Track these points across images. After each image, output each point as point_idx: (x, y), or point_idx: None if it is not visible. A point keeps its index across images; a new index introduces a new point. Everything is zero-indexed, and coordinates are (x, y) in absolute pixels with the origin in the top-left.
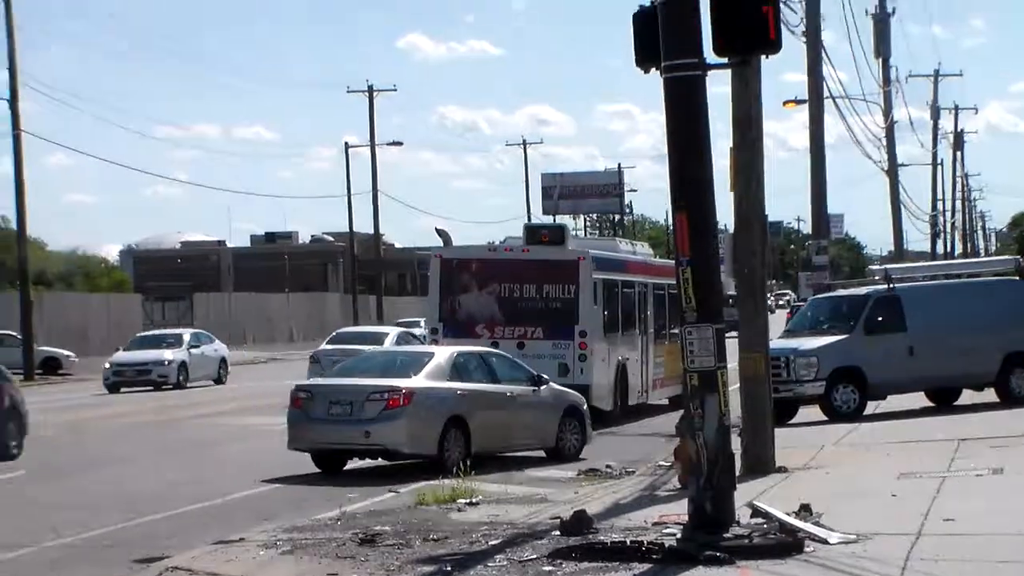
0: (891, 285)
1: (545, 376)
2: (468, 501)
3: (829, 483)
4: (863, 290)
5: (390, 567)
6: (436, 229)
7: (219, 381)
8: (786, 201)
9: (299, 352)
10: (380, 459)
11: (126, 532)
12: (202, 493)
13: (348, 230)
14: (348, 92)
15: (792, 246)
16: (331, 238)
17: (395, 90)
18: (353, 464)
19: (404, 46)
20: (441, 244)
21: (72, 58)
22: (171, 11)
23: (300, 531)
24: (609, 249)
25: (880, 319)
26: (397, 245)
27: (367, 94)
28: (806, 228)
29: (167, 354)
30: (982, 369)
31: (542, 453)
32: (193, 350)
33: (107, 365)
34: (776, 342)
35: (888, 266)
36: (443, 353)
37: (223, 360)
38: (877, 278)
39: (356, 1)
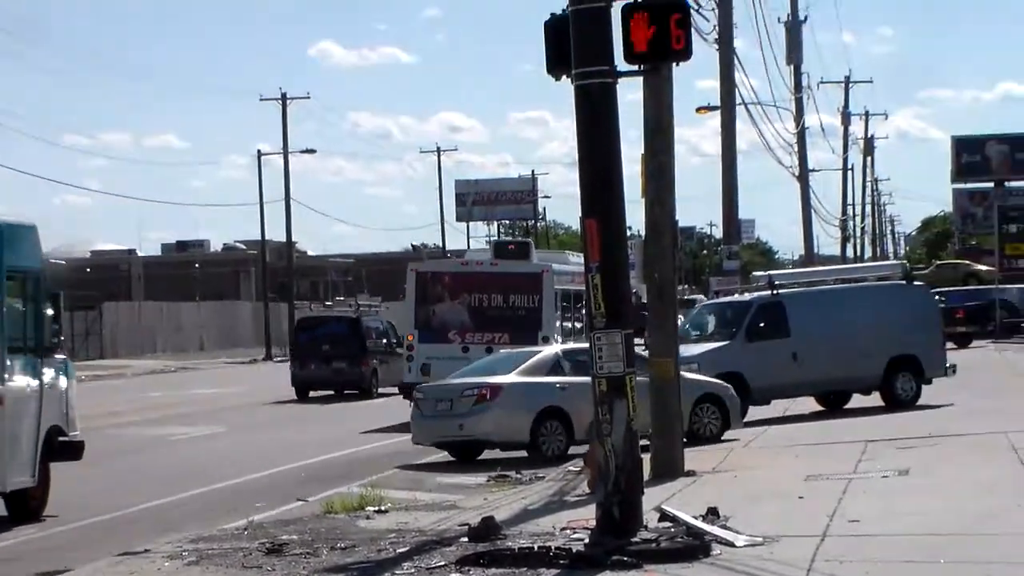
0: (775, 291)
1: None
2: (376, 509)
3: (737, 486)
4: (747, 297)
5: None
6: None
7: None
8: (698, 206)
9: (208, 361)
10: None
11: (28, 545)
12: (111, 504)
13: (260, 238)
14: (261, 100)
15: (704, 251)
16: (243, 246)
17: (308, 97)
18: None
19: (316, 53)
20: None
21: None
22: (78, 17)
23: (207, 541)
24: (562, 262)
25: (763, 325)
26: (310, 252)
27: (280, 102)
28: (718, 233)
29: None
30: (867, 373)
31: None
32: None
33: None
34: None
35: (772, 272)
36: (547, 351)
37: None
38: (761, 284)
39: (268, 9)
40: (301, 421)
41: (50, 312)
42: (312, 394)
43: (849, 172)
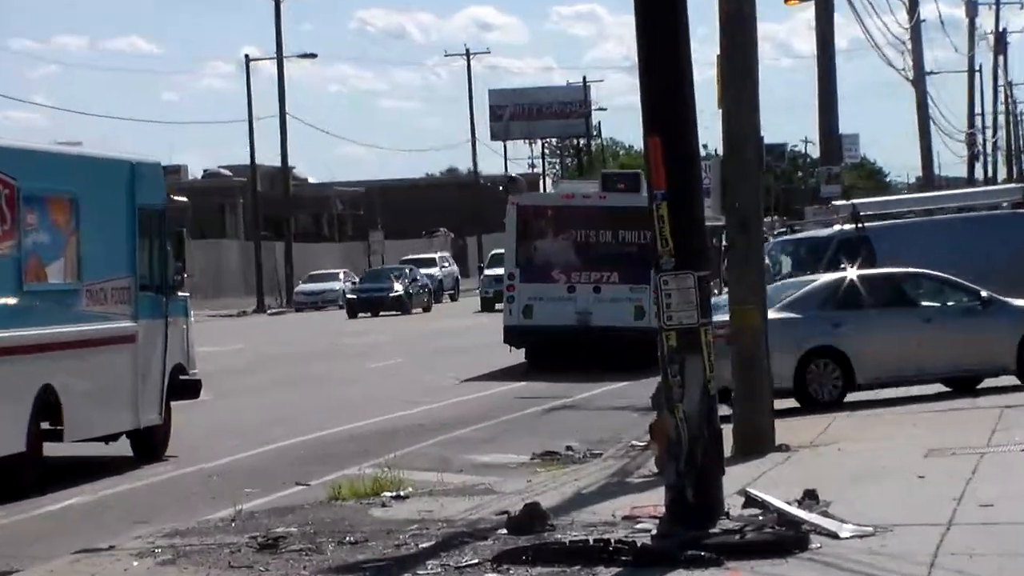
0: (860, 224)
1: (998, 297)
2: (394, 494)
3: (841, 463)
4: (824, 232)
5: None
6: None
7: None
8: (790, 119)
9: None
10: None
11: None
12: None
13: (250, 162)
14: None
15: (800, 174)
16: (229, 173)
17: None
18: None
19: None
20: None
21: None
22: None
23: (184, 535)
24: None
25: (844, 264)
26: (311, 180)
27: None
28: (815, 152)
29: None
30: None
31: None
32: None
33: None
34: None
35: (857, 200)
36: (821, 280)
37: None
38: (842, 215)
39: None
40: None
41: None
42: None
43: (976, 74)
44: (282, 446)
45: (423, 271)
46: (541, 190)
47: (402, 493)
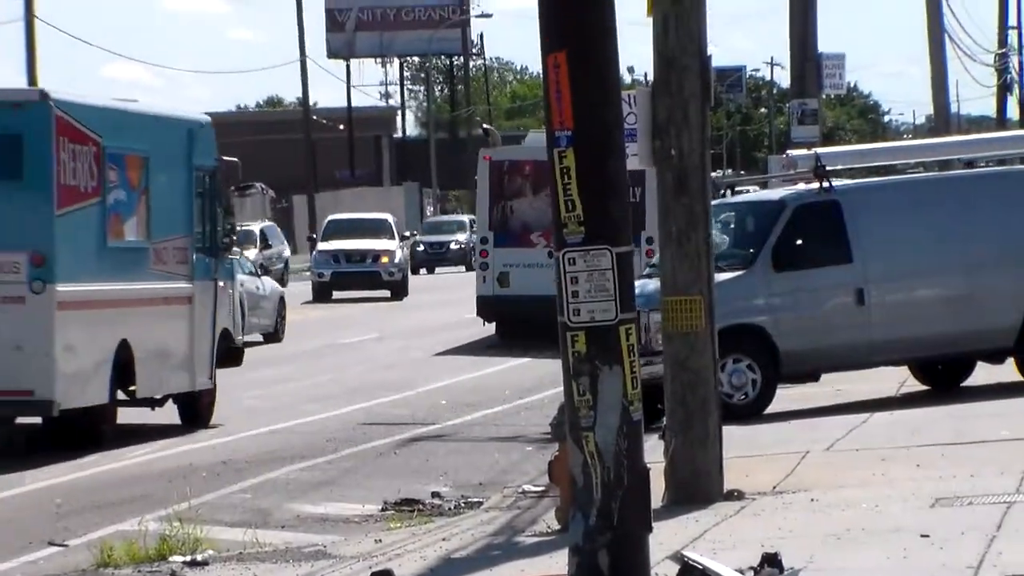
0: (825, 182)
1: None
2: (189, 559)
3: (815, 517)
4: (776, 193)
5: None
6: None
7: None
8: (751, 34)
9: None
10: None
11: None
12: None
13: None
14: None
15: (763, 110)
16: None
17: None
18: None
19: None
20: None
21: None
22: None
23: None
24: None
25: (803, 241)
26: None
27: None
28: (785, 80)
29: None
30: (991, 325)
31: None
32: None
33: None
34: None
35: (823, 150)
36: None
37: None
38: (802, 170)
39: None
40: None
41: (225, 211)
42: None
43: None
44: (29, 490)
45: None
46: (398, 129)
47: (199, 558)
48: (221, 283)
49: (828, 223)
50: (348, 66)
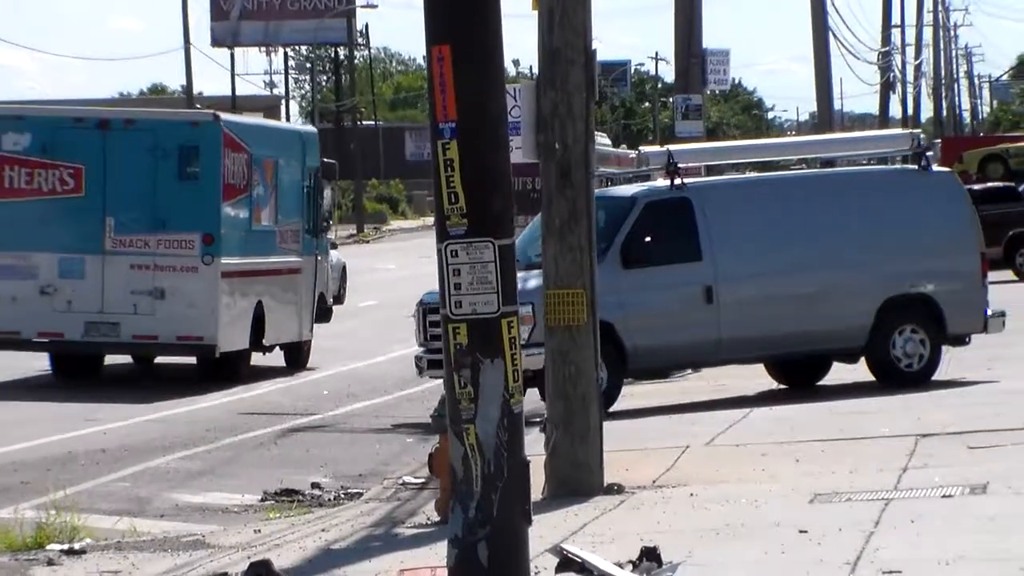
0: (678, 180)
1: None
2: (66, 547)
3: (694, 511)
4: (627, 190)
5: None
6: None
7: None
8: (636, 28)
9: None
10: None
11: None
12: None
13: None
14: None
15: (647, 104)
16: None
17: None
18: None
19: None
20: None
21: None
22: None
23: None
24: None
25: (652, 239)
26: None
27: None
28: (669, 75)
29: None
30: (842, 325)
31: None
32: None
33: None
34: None
35: (675, 147)
36: None
37: None
38: (655, 166)
39: None
40: None
41: (323, 200)
42: None
43: None
44: None
45: None
46: (283, 118)
47: (77, 546)
48: (319, 257)
49: (678, 220)
50: (232, 54)
